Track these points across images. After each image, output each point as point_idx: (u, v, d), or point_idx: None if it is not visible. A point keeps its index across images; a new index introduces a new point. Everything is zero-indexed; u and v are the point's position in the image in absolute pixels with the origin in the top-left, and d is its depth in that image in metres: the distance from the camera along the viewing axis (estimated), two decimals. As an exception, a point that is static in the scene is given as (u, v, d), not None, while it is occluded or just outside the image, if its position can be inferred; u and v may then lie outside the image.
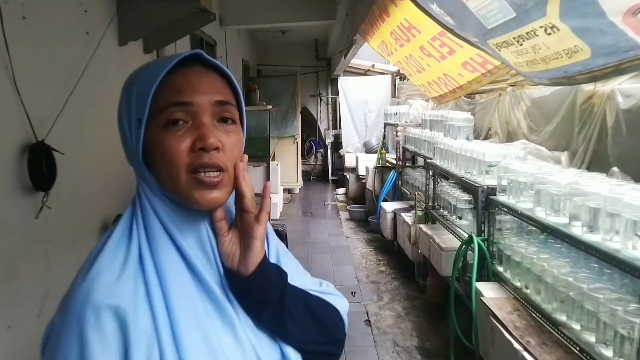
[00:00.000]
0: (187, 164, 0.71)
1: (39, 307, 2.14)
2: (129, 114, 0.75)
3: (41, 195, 2.08)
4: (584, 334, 1.93)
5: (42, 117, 2.11)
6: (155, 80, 0.71)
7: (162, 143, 0.72)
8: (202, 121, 0.72)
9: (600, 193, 1.93)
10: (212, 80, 0.76)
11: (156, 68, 0.73)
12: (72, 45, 2.42)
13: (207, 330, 0.71)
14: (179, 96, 0.72)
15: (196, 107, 0.72)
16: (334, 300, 0.91)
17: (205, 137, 0.71)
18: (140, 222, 0.74)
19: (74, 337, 0.65)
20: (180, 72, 0.74)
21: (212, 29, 5.47)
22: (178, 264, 0.73)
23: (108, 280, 0.68)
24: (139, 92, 0.73)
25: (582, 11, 1.46)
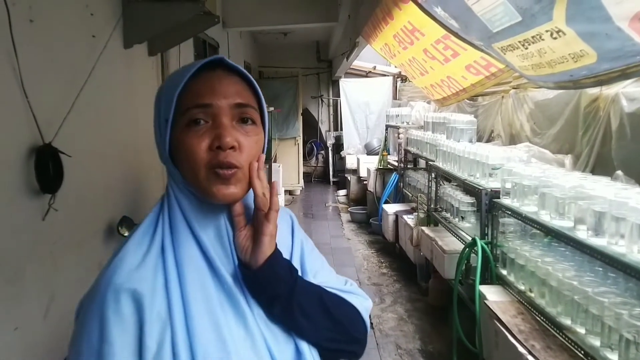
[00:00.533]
0: (206, 160, 0.77)
1: (45, 309, 2.14)
2: (158, 115, 0.82)
3: (48, 197, 2.08)
4: (588, 338, 1.93)
5: (49, 120, 2.11)
6: (179, 84, 0.78)
7: (184, 141, 0.78)
8: (221, 122, 0.78)
9: (606, 197, 1.93)
10: (232, 83, 0.81)
11: (181, 73, 0.80)
12: (79, 48, 2.43)
13: (219, 320, 0.75)
14: (200, 99, 0.78)
15: (215, 108, 0.78)
16: (354, 299, 0.93)
17: (222, 137, 0.76)
18: (166, 216, 0.81)
19: (96, 317, 0.72)
20: (202, 77, 0.80)
21: (214, 31, 5.48)
22: (196, 256, 0.79)
23: (130, 266, 0.75)
24: (166, 95, 0.80)
25: (589, 16, 1.46)
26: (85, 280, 2.49)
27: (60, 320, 2.26)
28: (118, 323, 0.71)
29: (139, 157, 3.20)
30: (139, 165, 3.22)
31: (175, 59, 3.82)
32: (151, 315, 0.72)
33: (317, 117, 11.45)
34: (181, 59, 3.97)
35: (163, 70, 3.57)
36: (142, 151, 3.27)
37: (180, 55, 3.95)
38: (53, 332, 2.20)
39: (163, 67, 3.57)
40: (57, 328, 2.23)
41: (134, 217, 2.84)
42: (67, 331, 2.37)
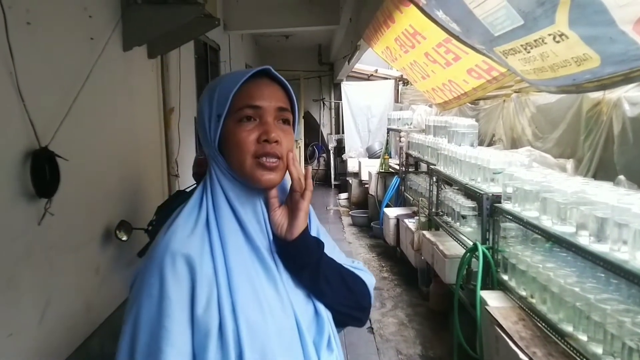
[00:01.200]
0: (253, 151, 0.93)
1: (41, 315, 2.12)
2: (210, 110, 0.96)
3: (44, 201, 2.07)
4: (590, 346, 1.90)
5: (45, 123, 2.10)
6: (235, 86, 0.93)
7: (235, 134, 0.94)
8: (267, 120, 0.95)
9: (608, 202, 1.90)
10: (275, 90, 0.98)
11: (235, 77, 0.95)
12: (77, 51, 2.41)
13: (254, 282, 0.91)
14: (252, 100, 0.94)
15: (263, 110, 0.95)
16: (363, 274, 1.11)
17: (268, 132, 0.93)
18: (209, 196, 0.95)
19: (156, 276, 0.86)
20: (253, 82, 0.96)
21: (215, 33, 5.47)
22: (236, 230, 0.94)
23: (182, 235, 0.90)
24: (220, 94, 0.95)
25: (592, 19, 1.44)
26: (82, 285, 2.49)
27: (56, 325, 2.24)
28: (175, 281, 0.85)
29: (137, 161, 3.18)
30: (138, 169, 3.20)
31: (176, 61, 3.81)
32: (201, 275, 0.87)
33: (319, 120, 11.44)
34: (181, 61, 3.96)
35: (163, 72, 3.55)
36: (142, 155, 3.25)
37: (181, 58, 3.94)
38: (49, 338, 2.18)
39: (163, 70, 3.55)
40: (52, 334, 2.21)
41: (133, 221, 2.82)
42: (63, 337, 2.35)
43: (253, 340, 0.86)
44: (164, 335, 0.83)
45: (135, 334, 0.85)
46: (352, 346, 3.65)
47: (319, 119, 11.43)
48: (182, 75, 3.96)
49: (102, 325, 2.70)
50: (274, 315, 0.90)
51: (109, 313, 2.80)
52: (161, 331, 0.83)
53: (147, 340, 0.84)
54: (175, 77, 3.78)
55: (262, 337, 0.87)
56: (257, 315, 0.88)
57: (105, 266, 2.73)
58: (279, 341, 0.89)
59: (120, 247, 2.83)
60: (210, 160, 0.99)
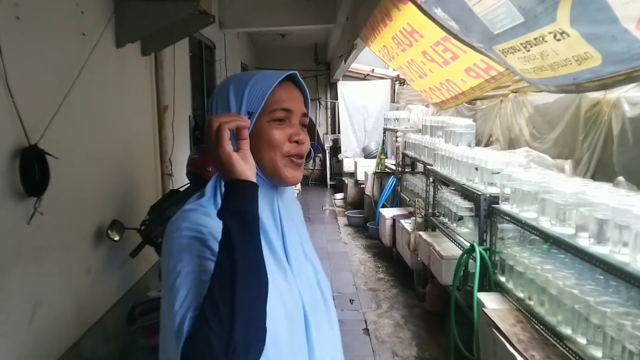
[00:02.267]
0: (286, 151, 1.01)
1: (30, 316, 2.08)
2: (238, 106, 0.99)
3: (33, 200, 2.02)
4: (590, 349, 1.88)
5: (35, 120, 2.05)
6: (271, 86, 0.99)
7: (269, 132, 1.00)
8: (295, 123, 1.03)
9: (608, 204, 1.87)
10: (300, 96, 1.06)
11: (268, 77, 1.01)
12: (68, 47, 2.37)
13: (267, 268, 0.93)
14: (286, 104, 1.01)
15: (293, 114, 1.03)
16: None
17: (299, 134, 1.02)
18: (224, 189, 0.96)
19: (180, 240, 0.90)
20: (283, 85, 1.02)
21: (211, 31, 5.42)
22: None
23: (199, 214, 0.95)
24: (254, 91, 0.99)
25: (594, 17, 1.41)
26: (73, 286, 2.44)
27: (46, 326, 2.20)
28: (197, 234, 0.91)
29: (130, 159, 3.14)
30: (131, 167, 3.15)
31: (170, 59, 3.76)
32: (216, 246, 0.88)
33: (315, 120, 11.41)
34: (176, 59, 3.91)
35: (157, 70, 3.50)
36: (135, 153, 3.21)
37: (175, 56, 3.89)
38: (38, 339, 2.14)
39: (157, 67, 3.51)
40: (42, 335, 2.17)
41: (125, 221, 2.78)
42: (54, 338, 2.31)
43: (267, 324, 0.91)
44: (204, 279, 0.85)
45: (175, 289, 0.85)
46: (347, 348, 3.60)
47: (315, 119, 11.40)
48: (177, 73, 3.91)
49: (94, 326, 2.66)
50: (284, 301, 0.97)
51: (101, 314, 2.75)
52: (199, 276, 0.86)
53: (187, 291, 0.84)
54: (169, 74, 3.73)
55: (274, 321, 0.92)
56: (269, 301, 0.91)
57: (97, 266, 2.68)
58: (287, 325, 0.96)
59: (112, 247, 2.79)
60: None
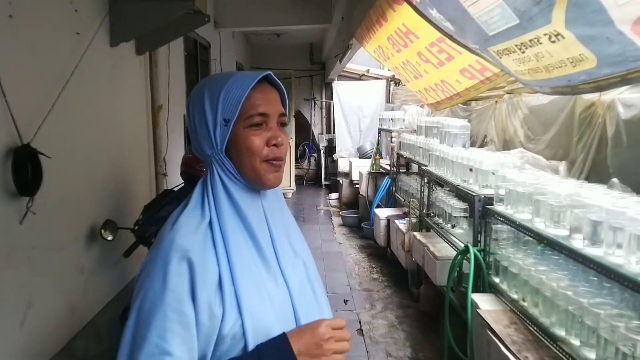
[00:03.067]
0: (264, 155, 1.00)
1: (22, 317, 2.06)
2: (214, 113, 0.99)
3: (26, 200, 2.00)
4: (583, 350, 1.88)
5: (28, 120, 2.04)
6: (245, 92, 0.98)
7: (246, 139, 0.99)
8: (273, 126, 1.02)
9: (602, 205, 1.88)
10: (276, 96, 1.04)
11: (242, 81, 0.99)
12: (61, 46, 2.35)
13: (255, 276, 0.97)
14: (261, 108, 0.99)
15: (270, 117, 1.01)
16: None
17: (277, 137, 1.01)
18: (210, 196, 0.99)
19: (160, 268, 0.91)
20: (258, 88, 1.00)
21: (206, 31, 5.41)
22: (238, 228, 0.99)
23: (187, 231, 0.94)
24: (227, 98, 0.98)
25: (589, 19, 1.41)
26: (65, 286, 2.42)
27: (39, 327, 2.18)
28: (177, 275, 0.89)
29: (124, 159, 3.12)
30: (125, 167, 3.14)
31: (165, 58, 3.75)
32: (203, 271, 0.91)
33: (310, 120, 11.39)
34: (171, 58, 3.89)
35: (151, 69, 3.49)
36: (129, 153, 3.19)
37: (170, 55, 3.88)
38: (31, 341, 2.12)
39: (151, 66, 3.49)
40: (35, 335, 2.15)
41: (119, 221, 2.76)
42: (46, 338, 2.28)
43: (257, 330, 0.92)
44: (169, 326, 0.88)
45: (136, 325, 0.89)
46: (341, 348, 3.60)
47: (310, 119, 11.39)
48: (171, 73, 3.89)
49: (87, 326, 2.64)
50: (274, 305, 0.97)
51: (94, 314, 2.74)
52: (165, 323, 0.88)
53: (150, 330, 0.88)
54: (164, 74, 3.71)
55: (265, 328, 0.94)
56: (259, 306, 0.94)
57: (90, 266, 2.67)
58: (278, 329, 0.95)
59: (105, 247, 2.77)
60: (211, 162, 1.02)
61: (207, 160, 1.02)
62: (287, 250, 1.07)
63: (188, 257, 0.91)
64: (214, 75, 1.07)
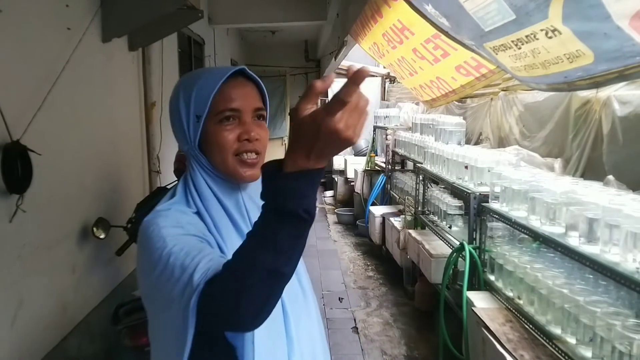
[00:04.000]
0: (234, 149, 1.00)
1: (13, 317, 2.03)
2: (187, 110, 1.00)
3: (15, 198, 1.97)
4: (579, 349, 1.87)
5: (17, 116, 2.00)
6: (214, 87, 0.97)
7: (217, 134, 0.99)
8: (246, 120, 1.01)
9: (598, 203, 1.87)
10: (251, 90, 1.04)
11: (212, 77, 0.99)
12: (52, 41, 2.32)
13: None
14: (231, 103, 0.99)
15: (242, 111, 1.01)
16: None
17: (249, 132, 1.00)
18: (193, 190, 1.01)
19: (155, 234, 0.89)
20: (230, 83, 1.00)
21: (200, 27, 5.37)
22: (224, 217, 1.00)
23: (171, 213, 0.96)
24: (198, 95, 0.98)
25: (587, 14, 1.40)
26: (57, 285, 2.39)
27: (30, 326, 2.15)
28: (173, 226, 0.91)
29: (117, 156, 3.09)
30: (118, 164, 3.10)
31: (158, 54, 3.71)
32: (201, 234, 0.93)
33: (305, 117, 11.35)
34: (164, 54, 3.86)
35: (144, 65, 3.45)
36: (121, 150, 3.16)
37: (163, 51, 3.84)
38: (22, 340, 2.09)
39: (144, 63, 3.45)
40: (26, 335, 2.12)
41: (111, 219, 2.73)
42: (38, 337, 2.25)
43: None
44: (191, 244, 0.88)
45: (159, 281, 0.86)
46: (336, 346, 3.60)
47: (305, 116, 11.34)
48: (165, 69, 3.86)
49: (79, 325, 2.61)
50: None
51: (86, 312, 2.71)
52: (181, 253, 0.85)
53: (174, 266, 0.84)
54: (157, 70, 3.68)
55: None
56: None
57: (82, 265, 2.64)
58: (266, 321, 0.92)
59: (98, 246, 2.74)
60: (190, 158, 1.04)
61: (187, 156, 1.04)
62: None
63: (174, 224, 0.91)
64: (191, 72, 1.08)
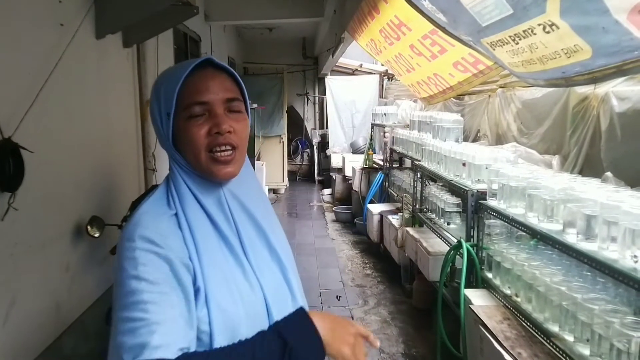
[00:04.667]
0: (205, 145, 0.95)
1: (5, 316, 2.01)
2: (159, 108, 0.97)
3: (7, 196, 1.95)
4: (577, 346, 1.85)
5: (9, 113, 1.98)
6: (178, 82, 0.93)
7: (187, 131, 0.95)
8: (217, 113, 0.96)
9: (597, 200, 1.85)
10: (222, 80, 0.98)
11: (177, 72, 0.95)
12: (44, 37, 2.29)
13: (224, 268, 0.94)
14: (199, 96, 0.95)
15: (211, 104, 0.96)
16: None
17: (219, 124, 0.95)
18: (173, 190, 0.98)
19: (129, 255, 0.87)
20: (197, 75, 0.96)
21: (196, 24, 5.34)
22: (203, 219, 0.97)
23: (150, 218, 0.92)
24: (166, 91, 0.95)
25: (585, 8, 1.38)
26: (50, 284, 2.37)
27: (23, 326, 2.13)
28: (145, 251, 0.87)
29: (111, 153, 3.06)
30: (112, 162, 3.08)
31: (153, 51, 3.68)
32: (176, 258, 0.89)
33: (303, 115, 11.35)
34: (159, 51, 3.83)
35: (139, 62, 3.42)
36: (115, 147, 3.13)
37: (159, 48, 3.81)
38: (14, 340, 2.07)
39: (139, 59, 3.42)
40: (18, 334, 2.10)
41: (105, 217, 2.71)
42: (31, 337, 2.22)
43: (225, 326, 0.90)
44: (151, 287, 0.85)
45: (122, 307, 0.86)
46: (333, 344, 3.57)
47: (303, 114, 11.34)
48: (160, 66, 3.82)
49: (73, 324, 2.59)
50: (243, 299, 0.94)
51: (81, 312, 2.68)
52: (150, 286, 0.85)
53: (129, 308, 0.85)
54: (152, 67, 3.65)
55: (234, 322, 0.91)
56: (228, 301, 0.92)
57: (76, 263, 2.61)
58: (247, 324, 0.92)
59: (92, 244, 2.72)
60: (168, 157, 1.01)
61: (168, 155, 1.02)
62: (256, 243, 1.03)
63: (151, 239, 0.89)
64: (168, 68, 1.05)
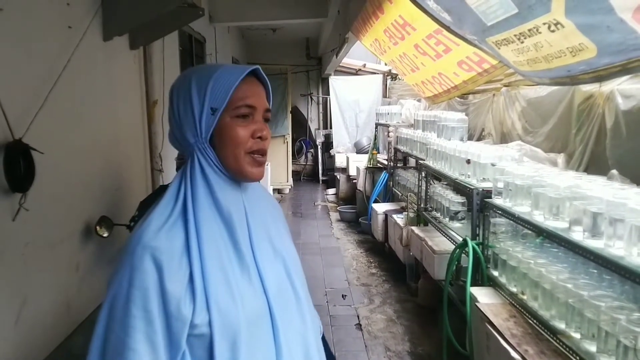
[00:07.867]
0: (248, 146, 1.00)
1: (16, 315, 2.03)
2: (201, 101, 0.98)
3: (18, 196, 1.97)
4: (584, 343, 1.87)
5: (19, 115, 2.00)
6: (235, 82, 0.98)
7: (232, 129, 0.99)
8: (259, 119, 1.03)
9: (602, 197, 1.86)
10: (262, 91, 1.06)
11: (233, 72, 0.99)
12: (53, 40, 2.31)
13: (227, 270, 0.94)
14: (249, 100, 1.01)
15: (256, 110, 1.02)
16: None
17: (262, 130, 1.02)
18: (188, 186, 0.98)
19: (127, 266, 0.90)
20: (246, 81, 1.01)
21: (201, 25, 5.36)
22: (214, 218, 0.97)
23: (156, 227, 0.92)
24: (217, 87, 0.98)
25: (590, 7, 1.39)
26: (61, 283, 2.39)
27: (34, 325, 2.15)
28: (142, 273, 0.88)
29: (119, 154, 3.08)
30: (120, 162, 3.10)
31: (159, 53, 3.71)
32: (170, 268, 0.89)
33: (307, 115, 11.36)
34: (165, 53, 3.85)
35: (146, 64, 3.45)
36: (124, 148, 3.16)
37: (165, 49, 3.84)
38: (26, 339, 2.09)
39: (146, 61, 3.45)
40: (30, 333, 2.12)
41: (114, 217, 2.73)
42: (42, 336, 2.25)
43: (225, 329, 0.91)
44: (132, 323, 0.87)
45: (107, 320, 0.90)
46: (340, 343, 3.60)
47: (307, 114, 11.36)
48: (166, 67, 3.85)
49: (84, 323, 2.61)
50: (244, 303, 0.94)
51: (90, 310, 2.70)
52: (129, 319, 0.88)
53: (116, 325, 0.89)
54: (158, 69, 3.67)
55: (234, 325, 0.92)
56: (228, 303, 0.92)
57: (86, 263, 2.64)
58: (248, 329, 0.93)
59: (101, 244, 2.74)
60: (194, 151, 1.00)
61: (188, 149, 1.01)
62: (265, 246, 1.05)
63: (155, 255, 0.90)
64: (201, 65, 1.08)
